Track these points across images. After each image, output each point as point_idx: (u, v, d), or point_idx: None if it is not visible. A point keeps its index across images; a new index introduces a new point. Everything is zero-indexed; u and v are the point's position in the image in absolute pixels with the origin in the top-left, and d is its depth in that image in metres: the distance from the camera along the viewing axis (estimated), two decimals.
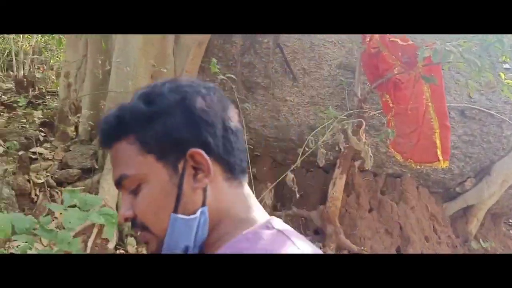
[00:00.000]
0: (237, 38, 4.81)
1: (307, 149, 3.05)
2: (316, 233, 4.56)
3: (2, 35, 6.04)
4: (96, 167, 4.27)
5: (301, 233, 3.41)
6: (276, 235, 0.67)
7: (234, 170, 0.73)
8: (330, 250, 4.10)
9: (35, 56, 6.22)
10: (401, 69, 3.61)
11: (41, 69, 6.45)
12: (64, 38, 6.02)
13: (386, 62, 3.78)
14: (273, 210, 4.70)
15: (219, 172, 0.70)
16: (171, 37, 4.42)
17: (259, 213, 0.73)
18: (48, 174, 3.95)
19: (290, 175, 3.19)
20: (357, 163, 4.21)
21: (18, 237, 2.28)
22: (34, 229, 2.26)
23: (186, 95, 0.70)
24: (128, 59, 4.16)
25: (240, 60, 4.75)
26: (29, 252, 2.27)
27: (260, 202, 3.03)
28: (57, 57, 6.46)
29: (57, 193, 3.90)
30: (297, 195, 3.32)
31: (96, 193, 3.99)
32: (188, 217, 0.68)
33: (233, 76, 3.50)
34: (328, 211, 4.23)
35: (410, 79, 3.70)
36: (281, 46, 4.62)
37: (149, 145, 0.68)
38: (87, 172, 4.19)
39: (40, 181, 3.82)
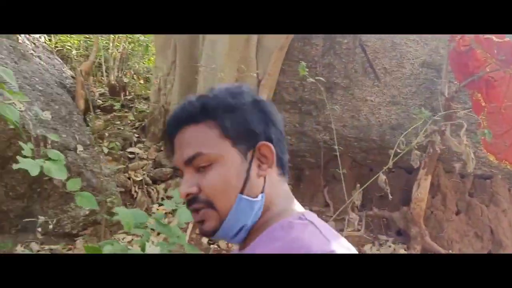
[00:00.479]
0: (317, 40, 4.87)
1: (398, 150, 3.04)
2: (398, 234, 4.50)
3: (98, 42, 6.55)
4: None
5: (383, 234, 3.38)
6: (307, 225, 0.75)
7: (284, 168, 0.86)
8: (415, 252, 4.04)
9: (124, 62, 6.70)
10: (496, 66, 3.47)
11: (128, 74, 6.94)
12: (150, 45, 6.45)
13: (478, 60, 3.65)
14: (352, 210, 4.71)
15: (275, 167, 0.83)
16: (254, 42, 4.59)
17: (297, 206, 0.84)
18: (144, 172, 4.28)
19: (382, 177, 3.19)
20: (457, 166, 4.09)
21: (136, 230, 2.52)
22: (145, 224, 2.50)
23: (258, 98, 0.85)
24: (215, 64, 4.38)
25: (320, 62, 4.81)
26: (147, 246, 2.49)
27: (350, 203, 3.05)
28: (143, 62, 6.94)
29: (153, 190, 4.22)
30: (390, 197, 3.31)
31: None
32: (253, 199, 0.78)
33: (322, 79, 3.56)
34: (413, 213, 4.16)
35: (504, 77, 3.55)
36: (363, 45, 4.61)
37: (228, 132, 0.79)
38: (177, 170, 4.49)
39: (138, 179, 4.15)
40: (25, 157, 2.50)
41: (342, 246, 0.73)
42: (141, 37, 6.28)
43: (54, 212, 3.52)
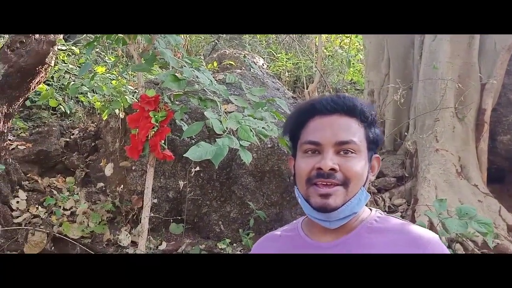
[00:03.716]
0: None
1: None
2: None
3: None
4: (406, 175, 4.66)
5: None
6: (389, 216, 0.99)
7: None
8: None
9: (324, 78, 7.19)
10: None
11: (329, 88, 7.41)
12: (354, 63, 6.77)
13: None
14: None
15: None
16: (476, 46, 4.44)
17: None
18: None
19: None
20: None
21: None
22: None
23: None
24: (436, 73, 4.40)
25: None
26: None
27: None
28: (342, 77, 7.34)
29: (379, 198, 4.46)
30: None
31: (409, 199, 4.37)
32: (368, 194, 0.95)
33: None
34: None
35: None
36: None
37: (370, 137, 0.96)
38: (400, 180, 4.63)
39: None
40: None
41: None
42: (343, 53, 6.68)
43: None
